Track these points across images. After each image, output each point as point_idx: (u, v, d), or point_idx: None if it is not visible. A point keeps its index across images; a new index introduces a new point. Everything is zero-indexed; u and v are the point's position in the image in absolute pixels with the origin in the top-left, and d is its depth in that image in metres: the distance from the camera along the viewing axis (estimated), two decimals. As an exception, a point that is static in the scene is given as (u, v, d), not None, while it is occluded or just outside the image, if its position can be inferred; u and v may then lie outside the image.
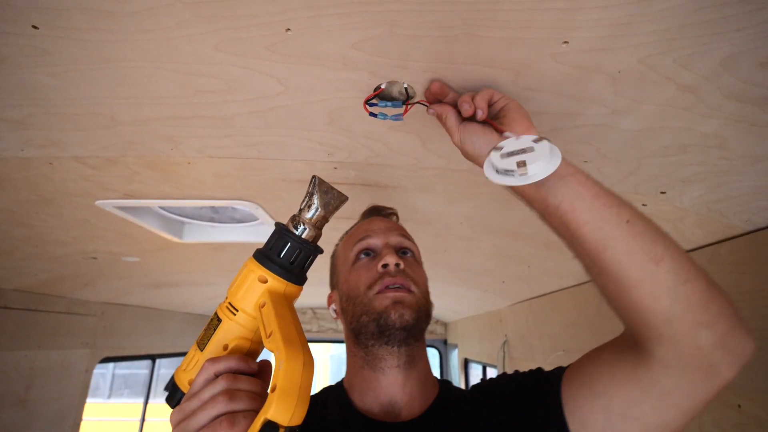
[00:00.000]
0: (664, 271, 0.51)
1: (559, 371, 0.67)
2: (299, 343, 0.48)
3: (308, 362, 0.46)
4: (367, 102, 0.64)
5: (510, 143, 0.55)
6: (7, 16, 0.50)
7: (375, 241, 0.79)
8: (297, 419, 0.43)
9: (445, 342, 4.20)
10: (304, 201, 0.58)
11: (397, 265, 0.74)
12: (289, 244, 0.56)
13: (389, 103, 0.64)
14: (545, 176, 0.52)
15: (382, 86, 0.62)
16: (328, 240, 0.82)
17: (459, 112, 0.60)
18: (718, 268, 1.02)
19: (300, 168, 0.92)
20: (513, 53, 0.55)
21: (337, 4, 0.48)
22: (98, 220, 1.25)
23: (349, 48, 0.55)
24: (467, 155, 0.61)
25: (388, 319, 0.70)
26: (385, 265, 0.74)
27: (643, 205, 0.98)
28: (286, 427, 0.42)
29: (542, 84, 0.61)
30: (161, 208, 1.36)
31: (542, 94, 0.63)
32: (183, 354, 3.82)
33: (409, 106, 0.64)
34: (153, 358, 3.49)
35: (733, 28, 0.49)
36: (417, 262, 0.80)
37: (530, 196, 0.58)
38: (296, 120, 0.73)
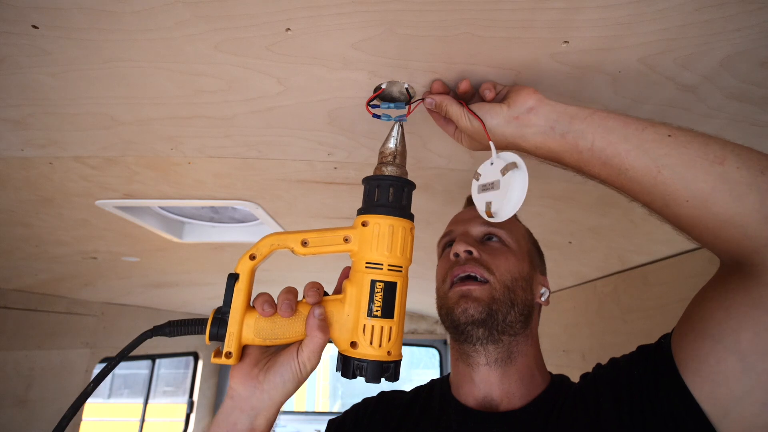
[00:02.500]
0: (733, 168, 0.45)
1: (665, 339, 0.59)
2: None
3: None
4: (369, 104, 0.64)
5: (486, 170, 0.58)
6: (7, 16, 0.50)
7: (455, 233, 0.77)
8: None
9: (445, 342, 4.20)
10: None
11: (468, 252, 0.70)
12: (391, 186, 0.57)
13: (392, 105, 0.64)
14: (508, 218, 0.55)
15: (383, 86, 0.62)
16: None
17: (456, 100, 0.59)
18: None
19: (300, 168, 0.92)
20: (513, 53, 0.55)
21: (337, 4, 0.48)
22: (98, 220, 1.25)
23: (349, 48, 0.55)
24: (482, 134, 0.58)
25: (453, 315, 0.68)
26: (456, 255, 0.71)
27: (643, 205, 0.98)
28: None
29: (542, 84, 0.61)
30: (161, 208, 1.36)
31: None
32: (183, 354, 3.83)
33: (412, 107, 0.64)
34: (153, 358, 3.49)
35: (733, 28, 0.49)
36: (505, 246, 0.74)
37: (559, 151, 0.54)
38: (296, 120, 0.73)
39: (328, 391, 10.32)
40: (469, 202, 0.89)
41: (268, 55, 0.57)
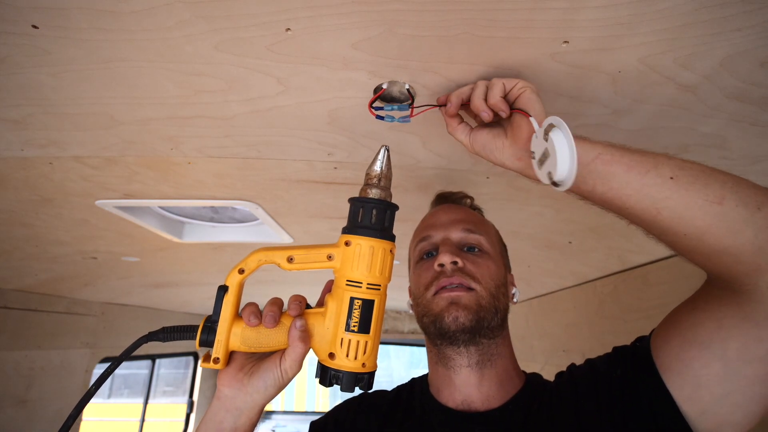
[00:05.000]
0: (731, 207, 0.48)
1: (643, 341, 0.62)
2: None
3: None
4: (371, 105, 0.64)
5: (536, 146, 0.53)
6: (7, 16, 0.50)
7: (435, 239, 0.77)
8: None
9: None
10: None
11: (454, 263, 0.71)
12: (375, 209, 0.59)
13: (395, 107, 0.64)
14: (573, 177, 0.49)
15: (384, 86, 0.62)
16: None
17: (462, 120, 0.59)
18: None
19: (300, 168, 0.92)
20: (513, 53, 0.55)
21: (337, 4, 0.48)
22: (98, 220, 1.25)
23: (349, 48, 0.55)
24: (494, 162, 0.59)
25: (443, 321, 0.69)
26: (441, 265, 0.71)
27: (643, 205, 0.98)
28: None
29: (542, 84, 0.61)
30: (161, 208, 1.36)
31: (542, 94, 0.63)
32: (183, 354, 3.83)
33: (414, 109, 0.64)
34: (153, 358, 3.49)
35: (733, 28, 0.49)
36: (485, 253, 0.75)
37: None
38: (296, 120, 0.73)
39: (328, 391, 10.32)
40: (438, 201, 0.89)
41: (268, 55, 0.57)
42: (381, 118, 0.64)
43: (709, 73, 0.57)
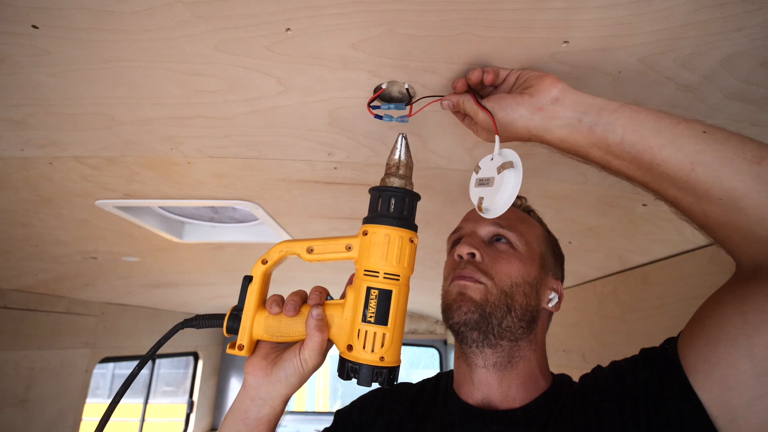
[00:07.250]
0: None
1: (671, 343, 0.59)
2: None
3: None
4: (370, 104, 0.64)
5: (485, 165, 0.57)
6: (7, 16, 0.50)
7: (462, 231, 0.77)
8: None
9: (445, 342, 4.20)
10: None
11: (471, 255, 0.70)
12: (394, 197, 0.58)
13: (392, 106, 0.63)
14: (497, 215, 0.55)
15: (383, 86, 0.62)
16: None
17: (473, 97, 0.58)
18: (718, 268, 1.02)
19: (300, 168, 0.92)
20: (513, 53, 0.55)
21: (337, 4, 0.48)
22: (98, 220, 1.25)
23: (349, 48, 0.55)
24: (500, 128, 0.56)
25: (451, 312, 0.68)
26: (460, 256, 0.71)
27: (643, 205, 0.98)
28: None
29: (542, 84, 0.60)
30: (161, 208, 1.36)
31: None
32: (183, 354, 3.83)
33: (413, 108, 0.64)
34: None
35: (733, 28, 0.49)
36: (513, 250, 0.72)
37: (586, 144, 0.51)
38: (296, 120, 0.73)
39: (328, 391, 10.32)
40: None
41: (268, 55, 0.57)
42: (379, 117, 0.64)
43: (709, 73, 0.57)
